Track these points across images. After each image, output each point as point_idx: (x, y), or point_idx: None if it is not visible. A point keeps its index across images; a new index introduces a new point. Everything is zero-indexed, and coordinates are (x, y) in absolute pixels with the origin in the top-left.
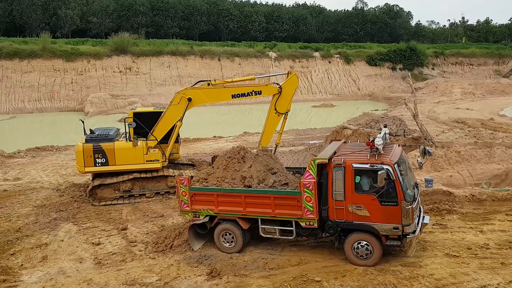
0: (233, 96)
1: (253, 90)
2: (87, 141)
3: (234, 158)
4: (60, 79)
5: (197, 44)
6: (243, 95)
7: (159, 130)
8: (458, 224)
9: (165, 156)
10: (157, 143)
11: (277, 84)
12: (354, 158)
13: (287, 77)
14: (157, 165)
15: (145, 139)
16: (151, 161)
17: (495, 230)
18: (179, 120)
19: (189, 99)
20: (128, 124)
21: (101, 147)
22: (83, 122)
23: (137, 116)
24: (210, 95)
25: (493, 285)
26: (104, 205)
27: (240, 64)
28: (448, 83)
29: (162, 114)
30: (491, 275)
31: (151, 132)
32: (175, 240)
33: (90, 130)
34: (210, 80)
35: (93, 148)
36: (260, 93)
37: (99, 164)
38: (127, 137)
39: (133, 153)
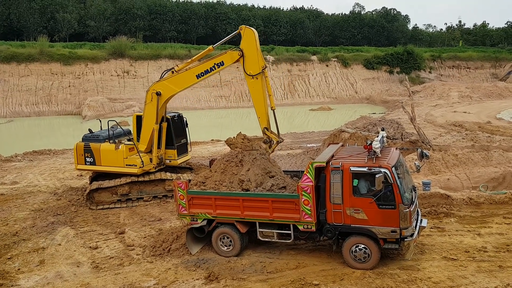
0: (198, 76)
1: (214, 63)
2: (82, 140)
3: (232, 161)
4: (58, 83)
5: (195, 48)
6: (206, 72)
7: (144, 133)
8: (456, 227)
9: (142, 162)
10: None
11: (237, 47)
12: (352, 161)
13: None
14: (135, 170)
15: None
16: (129, 165)
17: (492, 233)
18: (155, 122)
19: (158, 93)
20: (111, 127)
21: (90, 147)
22: (100, 121)
23: (140, 119)
24: (176, 83)
25: None
26: (102, 208)
27: (238, 67)
28: (445, 87)
29: (142, 116)
30: (489, 278)
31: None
32: (173, 244)
33: (89, 130)
34: (173, 68)
35: (84, 147)
36: (223, 64)
37: (88, 163)
38: (110, 139)
39: (115, 156)
